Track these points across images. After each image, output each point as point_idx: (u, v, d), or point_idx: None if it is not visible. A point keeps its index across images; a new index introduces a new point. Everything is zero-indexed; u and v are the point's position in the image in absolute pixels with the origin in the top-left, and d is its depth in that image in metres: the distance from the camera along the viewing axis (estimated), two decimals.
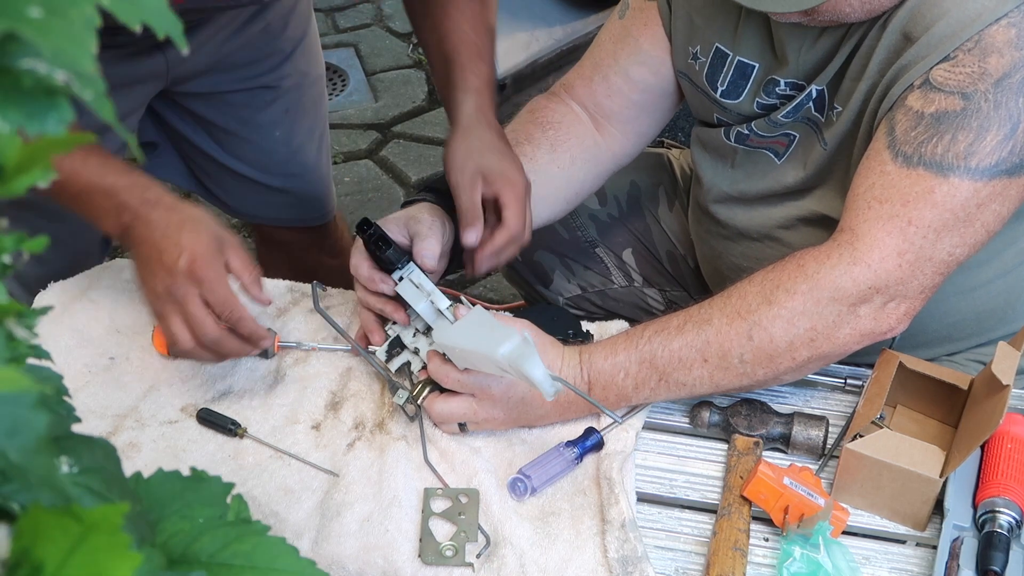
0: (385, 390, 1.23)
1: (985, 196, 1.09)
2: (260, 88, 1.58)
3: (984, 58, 1.07)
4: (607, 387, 1.15)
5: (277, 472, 1.14)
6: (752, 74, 1.29)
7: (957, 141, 1.08)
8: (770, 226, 1.34)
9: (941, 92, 1.09)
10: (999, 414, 1.07)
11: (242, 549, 0.54)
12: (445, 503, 1.11)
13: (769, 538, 1.11)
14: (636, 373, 1.14)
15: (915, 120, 1.10)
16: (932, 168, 1.09)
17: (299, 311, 1.33)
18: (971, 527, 1.08)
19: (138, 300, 1.32)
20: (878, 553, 1.10)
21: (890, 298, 1.11)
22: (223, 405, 1.21)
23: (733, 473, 1.14)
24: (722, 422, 1.20)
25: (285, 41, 1.57)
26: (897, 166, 1.10)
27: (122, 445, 1.17)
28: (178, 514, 0.55)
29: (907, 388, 1.20)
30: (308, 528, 1.09)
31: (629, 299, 1.61)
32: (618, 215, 1.59)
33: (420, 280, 1.18)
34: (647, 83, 1.39)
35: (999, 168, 1.08)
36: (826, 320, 1.10)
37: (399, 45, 3.27)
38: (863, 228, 1.10)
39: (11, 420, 0.35)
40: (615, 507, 1.08)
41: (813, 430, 1.17)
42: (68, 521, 0.38)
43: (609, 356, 1.15)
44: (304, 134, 1.67)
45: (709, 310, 1.13)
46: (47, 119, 0.38)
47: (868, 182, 1.12)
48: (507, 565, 1.05)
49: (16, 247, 0.40)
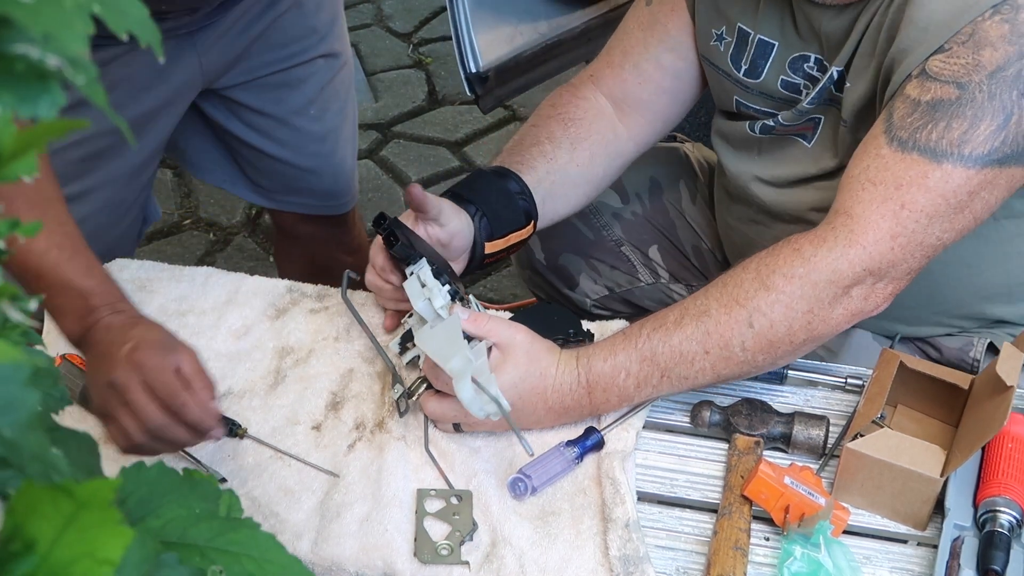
0: (386, 390, 1.24)
1: (976, 184, 1.10)
2: (296, 66, 1.62)
3: (978, 51, 1.08)
4: (608, 389, 1.14)
5: (277, 473, 1.15)
6: (772, 53, 1.30)
7: (952, 128, 1.09)
8: (804, 208, 1.34)
9: (937, 81, 1.10)
10: (1003, 415, 1.07)
11: (237, 538, 0.55)
12: (439, 503, 1.11)
13: (770, 537, 1.11)
14: (637, 372, 1.13)
15: (911, 107, 1.11)
16: (926, 153, 1.10)
17: (299, 311, 1.34)
18: (972, 526, 1.08)
19: (138, 300, 1.33)
20: (879, 552, 1.10)
21: (879, 279, 1.12)
22: (223, 405, 1.22)
23: (734, 472, 1.14)
24: (723, 421, 1.20)
25: (319, 21, 1.62)
26: (892, 150, 1.11)
27: None
28: (175, 503, 0.56)
29: (908, 387, 1.20)
30: (308, 529, 1.09)
31: (656, 296, 1.61)
32: (641, 212, 1.59)
33: (425, 277, 1.18)
34: (677, 69, 1.40)
35: (991, 157, 1.09)
36: (822, 302, 1.11)
37: (399, 45, 3.28)
38: (857, 210, 1.11)
39: (4, 397, 0.36)
40: (620, 507, 1.09)
41: (814, 429, 1.18)
42: (60, 498, 0.39)
43: (608, 357, 1.14)
44: (335, 116, 1.71)
45: (706, 301, 1.14)
46: (39, 103, 0.39)
47: (863, 164, 1.13)
48: (507, 565, 1.05)
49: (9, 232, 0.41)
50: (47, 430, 0.49)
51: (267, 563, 0.57)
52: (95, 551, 0.39)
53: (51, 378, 0.51)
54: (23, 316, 0.40)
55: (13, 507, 0.39)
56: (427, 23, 3.35)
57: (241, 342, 1.30)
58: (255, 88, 1.61)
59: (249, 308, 1.34)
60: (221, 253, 2.64)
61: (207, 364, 1.20)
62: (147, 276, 1.37)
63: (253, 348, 1.29)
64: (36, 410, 0.38)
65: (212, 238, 2.68)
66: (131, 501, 0.53)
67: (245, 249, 2.66)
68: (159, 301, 1.34)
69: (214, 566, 0.52)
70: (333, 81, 1.68)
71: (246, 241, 2.68)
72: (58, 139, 0.43)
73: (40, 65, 0.37)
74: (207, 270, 1.39)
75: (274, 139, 1.67)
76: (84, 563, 0.40)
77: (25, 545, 0.39)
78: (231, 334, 1.31)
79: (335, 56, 1.67)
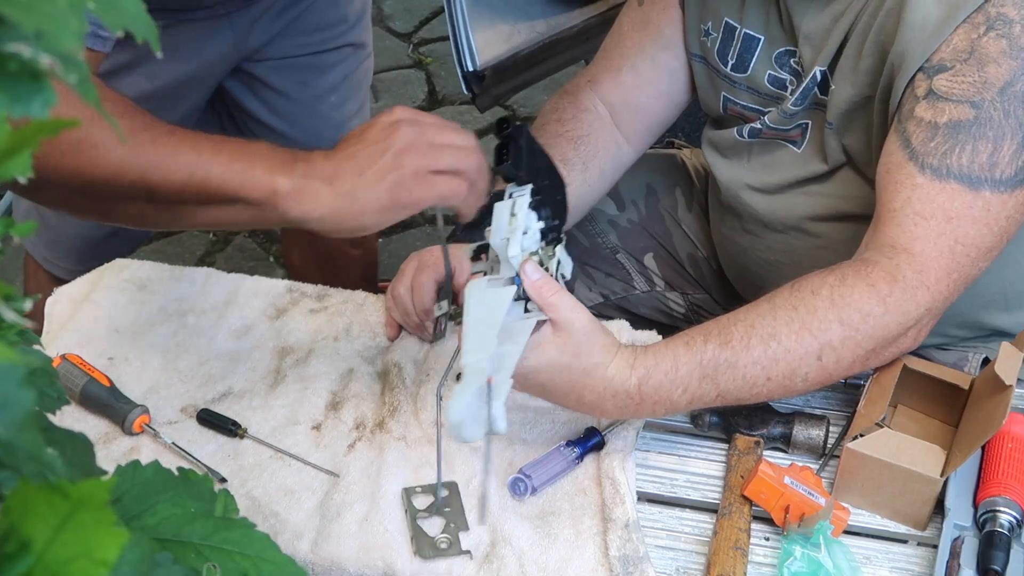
0: (386, 390, 1.24)
1: (1012, 208, 1.09)
2: (326, 52, 1.65)
3: (982, 68, 1.08)
4: (659, 402, 1.06)
5: (277, 472, 1.15)
6: (758, 47, 1.29)
7: (979, 151, 1.08)
8: (796, 216, 1.33)
9: (949, 102, 1.09)
10: (1002, 414, 1.07)
11: (231, 537, 0.55)
12: (427, 499, 1.11)
13: (770, 537, 1.10)
14: (695, 389, 1.06)
15: (930, 131, 1.09)
16: (963, 181, 1.08)
17: (299, 311, 1.34)
18: (972, 526, 1.08)
19: (138, 300, 1.33)
20: (879, 552, 1.10)
21: (934, 317, 1.11)
22: (223, 405, 1.22)
23: (734, 472, 1.14)
24: (723, 422, 1.20)
25: (350, 11, 1.66)
26: (928, 179, 1.09)
27: (122, 447, 1.17)
28: (170, 501, 0.56)
29: (907, 388, 1.20)
30: (308, 529, 1.09)
31: (651, 303, 1.60)
32: (638, 220, 1.58)
33: (519, 208, 1.03)
34: (671, 68, 1.40)
35: (1018, 178, 1.08)
36: (886, 343, 1.09)
37: (399, 45, 3.28)
38: (917, 247, 1.08)
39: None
40: (620, 507, 1.08)
41: (814, 430, 1.17)
42: (56, 498, 0.39)
43: (670, 372, 1.05)
44: (353, 106, 1.74)
45: (774, 324, 1.06)
46: (32, 102, 0.39)
47: (902, 196, 1.10)
48: (507, 565, 1.05)
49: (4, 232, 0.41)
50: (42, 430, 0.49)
51: (262, 562, 0.57)
52: (91, 551, 0.39)
53: (47, 377, 0.51)
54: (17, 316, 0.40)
55: (9, 507, 0.39)
56: (427, 23, 3.35)
57: (241, 342, 1.30)
58: (284, 68, 1.63)
59: (249, 308, 1.34)
60: (221, 253, 2.65)
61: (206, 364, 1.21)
62: (147, 276, 1.37)
63: (253, 348, 1.29)
64: (32, 410, 0.38)
65: (212, 238, 2.68)
66: (126, 499, 0.53)
67: (245, 249, 2.66)
68: (159, 301, 1.34)
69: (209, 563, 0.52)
70: (357, 71, 1.71)
71: (246, 241, 2.68)
72: None
73: (33, 64, 0.37)
74: (207, 270, 1.40)
75: (292, 121, 1.68)
76: (80, 563, 0.40)
77: (21, 545, 0.39)
78: (231, 334, 1.31)
79: (362, 47, 1.71)
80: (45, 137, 0.40)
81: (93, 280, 1.36)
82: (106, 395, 1.18)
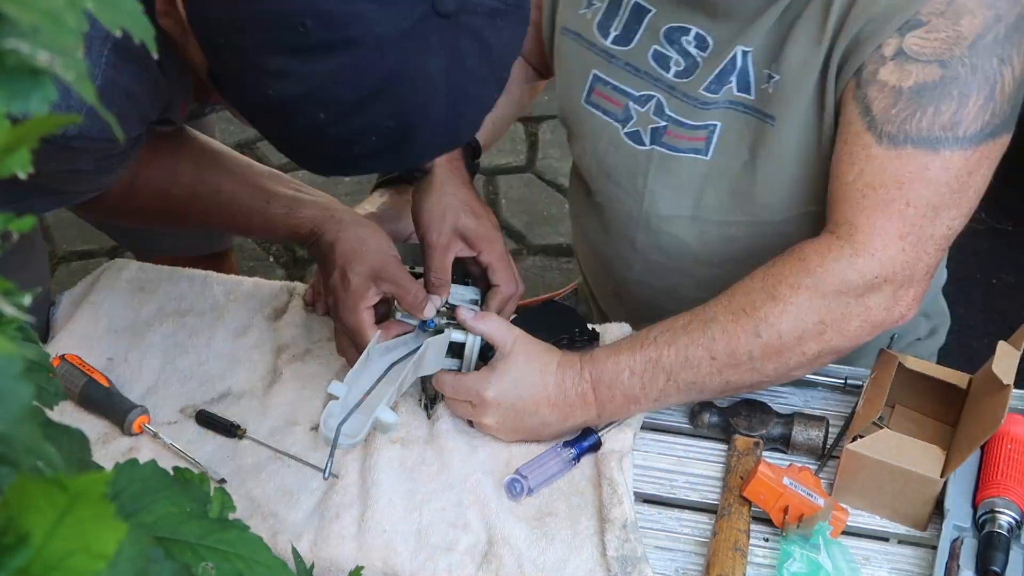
0: None
1: (975, 163, 1.08)
2: None
3: (957, 20, 1.05)
4: (612, 385, 1.12)
5: (276, 473, 1.15)
6: (646, 18, 1.23)
7: (941, 112, 1.06)
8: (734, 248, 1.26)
9: (918, 62, 1.06)
10: (1000, 414, 1.07)
11: (226, 537, 0.56)
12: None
13: (769, 538, 1.10)
14: (642, 372, 1.11)
15: (893, 97, 1.08)
16: (921, 145, 1.07)
17: (296, 311, 1.34)
18: (971, 527, 1.08)
19: (137, 301, 1.33)
20: (878, 553, 1.10)
21: (899, 285, 1.09)
22: (222, 406, 1.22)
23: (733, 473, 1.14)
24: (722, 422, 1.20)
25: None
26: (883, 148, 1.08)
27: (122, 447, 1.17)
28: (167, 500, 0.56)
29: (906, 388, 1.20)
30: (307, 529, 1.09)
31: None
32: None
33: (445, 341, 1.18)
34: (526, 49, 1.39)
35: (984, 133, 1.07)
36: (835, 313, 1.08)
37: None
38: (861, 219, 1.08)
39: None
40: (618, 507, 1.08)
41: (813, 430, 1.17)
42: (54, 491, 0.39)
43: (612, 355, 1.13)
44: None
45: (714, 309, 1.11)
46: (31, 99, 0.39)
47: (855, 169, 1.10)
48: (505, 565, 1.05)
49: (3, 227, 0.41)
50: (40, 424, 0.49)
51: (255, 563, 0.58)
52: (90, 545, 0.39)
53: (45, 372, 0.52)
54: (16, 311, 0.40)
55: (7, 500, 0.39)
56: None
57: (240, 343, 1.30)
58: None
59: (248, 308, 1.34)
60: None
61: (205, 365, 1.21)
62: (147, 276, 1.37)
63: (252, 348, 1.29)
64: (30, 403, 0.38)
65: None
66: (123, 496, 0.53)
67: (245, 249, 2.66)
68: (159, 301, 1.34)
69: (204, 562, 0.52)
70: None
71: (246, 241, 2.68)
72: None
73: (31, 60, 0.37)
74: (206, 271, 1.40)
75: None
76: (79, 557, 0.41)
77: (19, 538, 0.39)
78: (230, 334, 1.31)
79: None
80: (44, 133, 0.40)
81: (92, 281, 1.36)
82: (105, 396, 1.19)
